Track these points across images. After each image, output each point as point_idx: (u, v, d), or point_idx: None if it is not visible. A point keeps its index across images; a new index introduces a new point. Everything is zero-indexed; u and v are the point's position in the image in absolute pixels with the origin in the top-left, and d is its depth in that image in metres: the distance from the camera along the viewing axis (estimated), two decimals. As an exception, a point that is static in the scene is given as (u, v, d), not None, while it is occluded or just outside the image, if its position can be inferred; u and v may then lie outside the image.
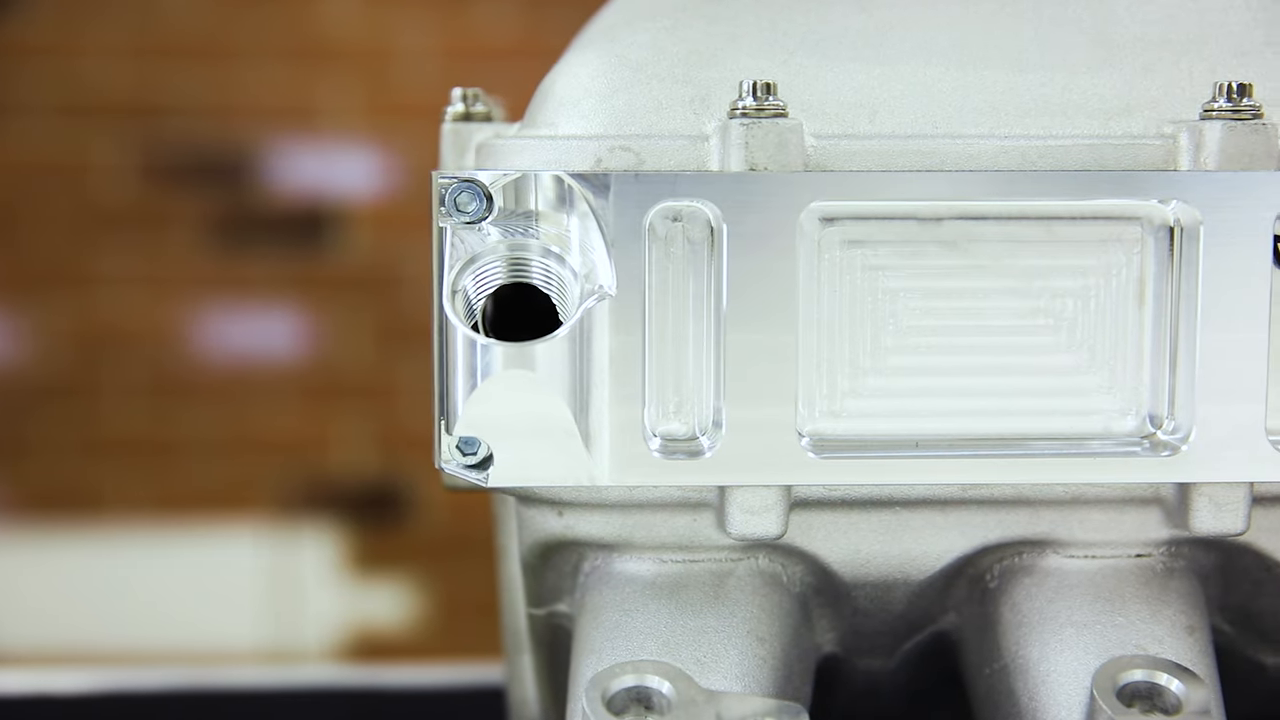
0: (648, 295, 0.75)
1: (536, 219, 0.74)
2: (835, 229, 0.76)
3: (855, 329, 0.76)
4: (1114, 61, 0.79)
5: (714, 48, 0.79)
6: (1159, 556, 0.81)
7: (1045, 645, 0.79)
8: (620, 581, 0.80)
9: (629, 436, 0.74)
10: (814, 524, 0.80)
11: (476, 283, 0.74)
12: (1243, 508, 0.77)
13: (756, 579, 0.80)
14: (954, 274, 0.76)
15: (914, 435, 0.77)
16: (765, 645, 0.78)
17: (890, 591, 0.82)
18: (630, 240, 0.74)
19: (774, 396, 0.75)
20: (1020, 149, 0.76)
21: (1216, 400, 0.76)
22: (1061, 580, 0.80)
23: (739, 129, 0.74)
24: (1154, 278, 0.76)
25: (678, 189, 0.74)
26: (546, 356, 0.73)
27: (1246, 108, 0.75)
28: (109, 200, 3.24)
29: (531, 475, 0.75)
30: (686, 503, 0.79)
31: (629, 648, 0.77)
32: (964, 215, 0.76)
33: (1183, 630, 0.79)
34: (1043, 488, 0.79)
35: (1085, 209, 0.76)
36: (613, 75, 0.78)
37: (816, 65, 0.78)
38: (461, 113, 0.87)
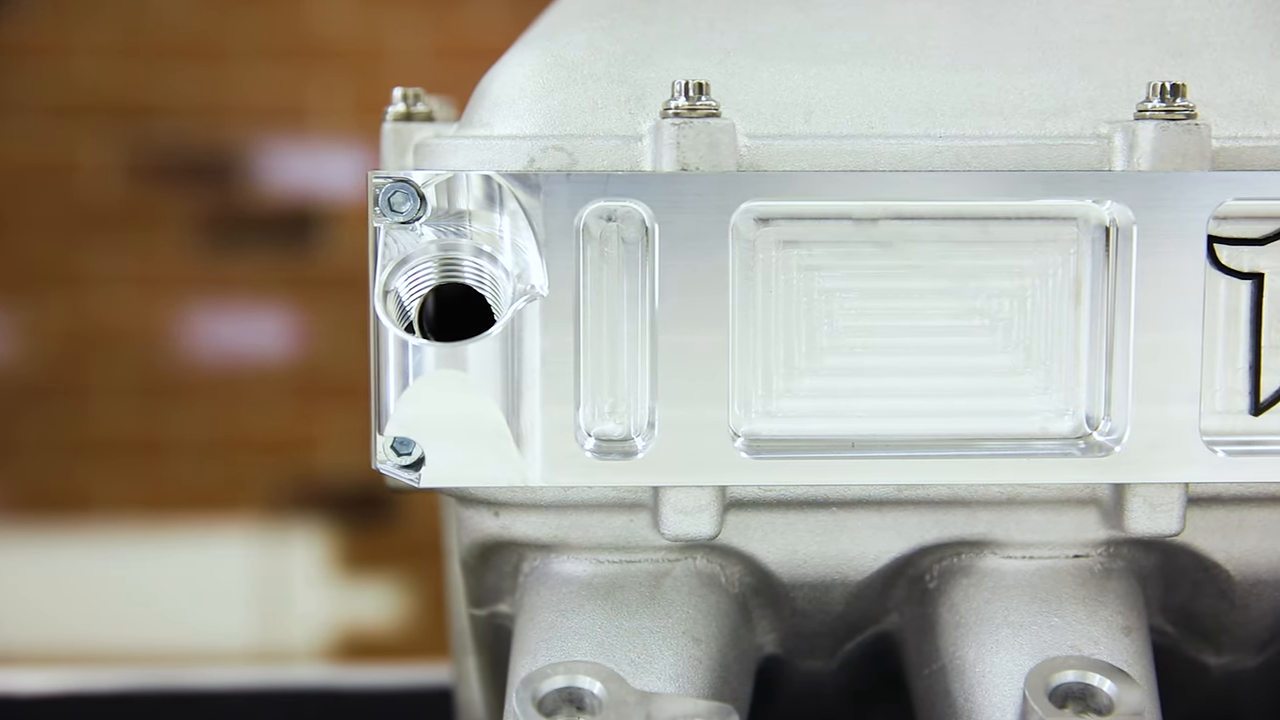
0: (582, 295, 0.74)
1: (469, 219, 0.74)
2: (770, 229, 0.75)
3: (791, 329, 0.76)
4: (1051, 62, 0.79)
5: (650, 47, 0.79)
6: (1097, 557, 0.81)
7: (981, 646, 0.78)
8: (557, 582, 0.80)
9: (561, 437, 0.74)
10: (750, 524, 0.79)
11: (409, 283, 0.74)
12: (1177, 508, 0.77)
13: (694, 580, 0.80)
14: (889, 274, 0.76)
15: (850, 436, 0.77)
16: (701, 646, 0.78)
17: (828, 592, 0.81)
18: (562, 240, 0.74)
19: (707, 397, 0.75)
20: (955, 149, 0.76)
21: (1151, 401, 0.75)
22: (999, 581, 0.80)
23: (671, 129, 0.74)
24: (1090, 278, 0.76)
25: (609, 189, 0.74)
26: (478, 357, 0.73)
27: (1180, 108, 0.75)
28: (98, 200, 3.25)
29: (464, 476, 0.75)
30: (622, 503, 0.79)
31: (563, 649, 0.77)
32: (899, 215, 0.75)
33: (1119, 631, 0.78)
34: (979, 488, 0.79)
35: (1020, 209, 0.76)
36: (548, 75, 0.78)
37: (753, 65, 0.78)
38: (402, 112, 0.87)
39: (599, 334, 0.75)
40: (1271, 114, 0.78)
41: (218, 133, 3.20)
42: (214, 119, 3.21)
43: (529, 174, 0.73)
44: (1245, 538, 0.81)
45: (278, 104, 3.19)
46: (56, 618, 3.21)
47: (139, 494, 3.33)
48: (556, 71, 0.78)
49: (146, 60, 3.25)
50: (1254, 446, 0.77)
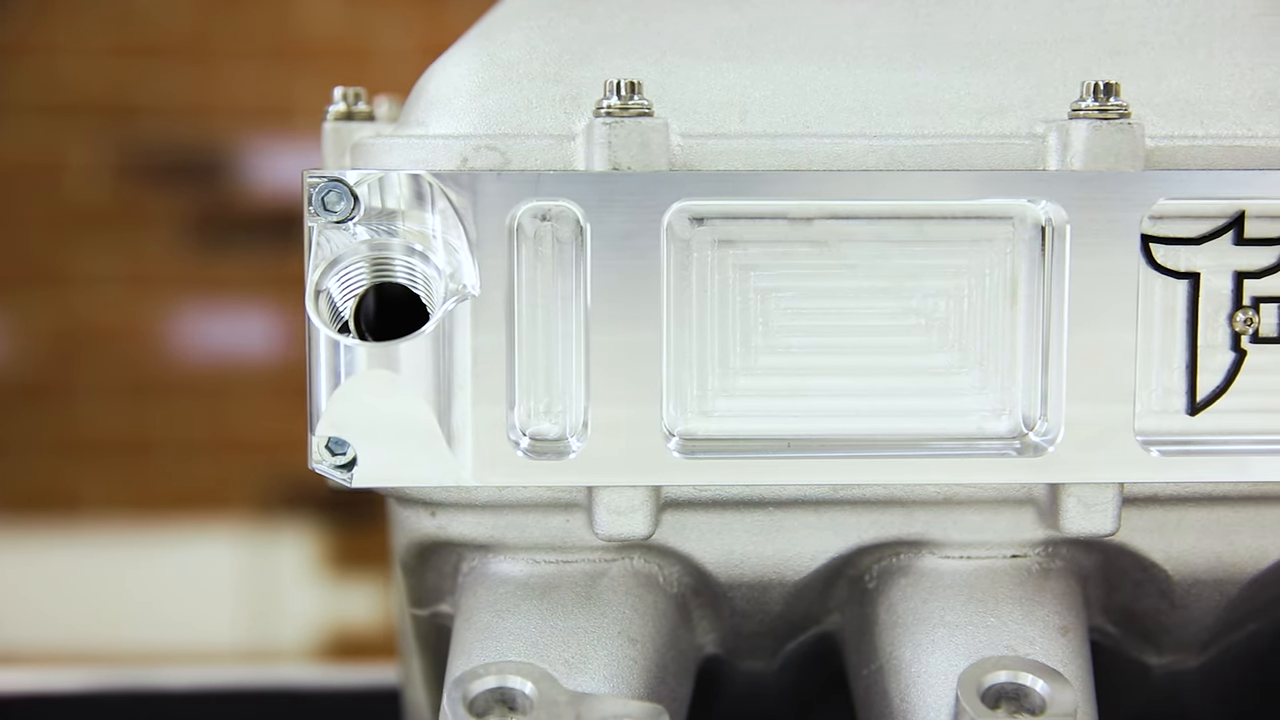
0: (517, 294, 0.74)
1: (402, 219, 0.74)
2: (706, 228, 0.75)
3: (726, 328, 0.76)
4: (988, 61, 0.79)
5: (587, 47, 0.79)
6: (1035, 557, 0.81)
7: (918, 646, 0.78)
8: (494, 582, 0.80)
9: (493, 437, 0.74)
10: (687, 524, 0.79)
11: (342, 283, 0.74)
12: (1112, 508, 0.76)
13: (631, 580, 0.80)
14: (825, 274, 0.76)
15: (786, 435, 0.77)
16: (637, 646, 0.78)
17: (767, 592, 0.81)
18: (494, 240, 0.73)
19: (639, 397, 0.75)
20: (889, 148, 0.76)
21: (1085, 401, 0.75)
22: (936, 581, 0.80)
23: (602, 128, 0.74)
24: (1026, 277, 0.76)
25: (541, 189, 0.73)
26: (409, 356, 0.73)
27: (1113, 107, 0.74)
28: (86, 199, 3.25)
29: (396, 475, 0.74)
30: (558, 503, 0.78)
31: (498, 649, 0.77)
32: (835, 215, 0.75)
33: (1055, 631, 0.78)
34: (915, 488, 0.78)
35: (956, 209, 0.75)
36: (483, 74, 0.78)
37: (689, 65, 0.78)
38: (343, 112, 0.87)
39: (534, 334, 0.75)
40: (1208, 113, 0.78)
41: (206, 132, 3.20)
42: (202, 119, 3.21)
43: (460, 173, 0.73)
44: (1183, 538, 0.80)
45: (265, 104, 3.19)
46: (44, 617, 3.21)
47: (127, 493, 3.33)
48: (492, 71, 0.78)
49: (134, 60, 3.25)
50: (1191, 447, 0.77)
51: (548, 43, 0.79)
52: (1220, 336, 0.76)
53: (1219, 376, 0.77)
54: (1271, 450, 0.77)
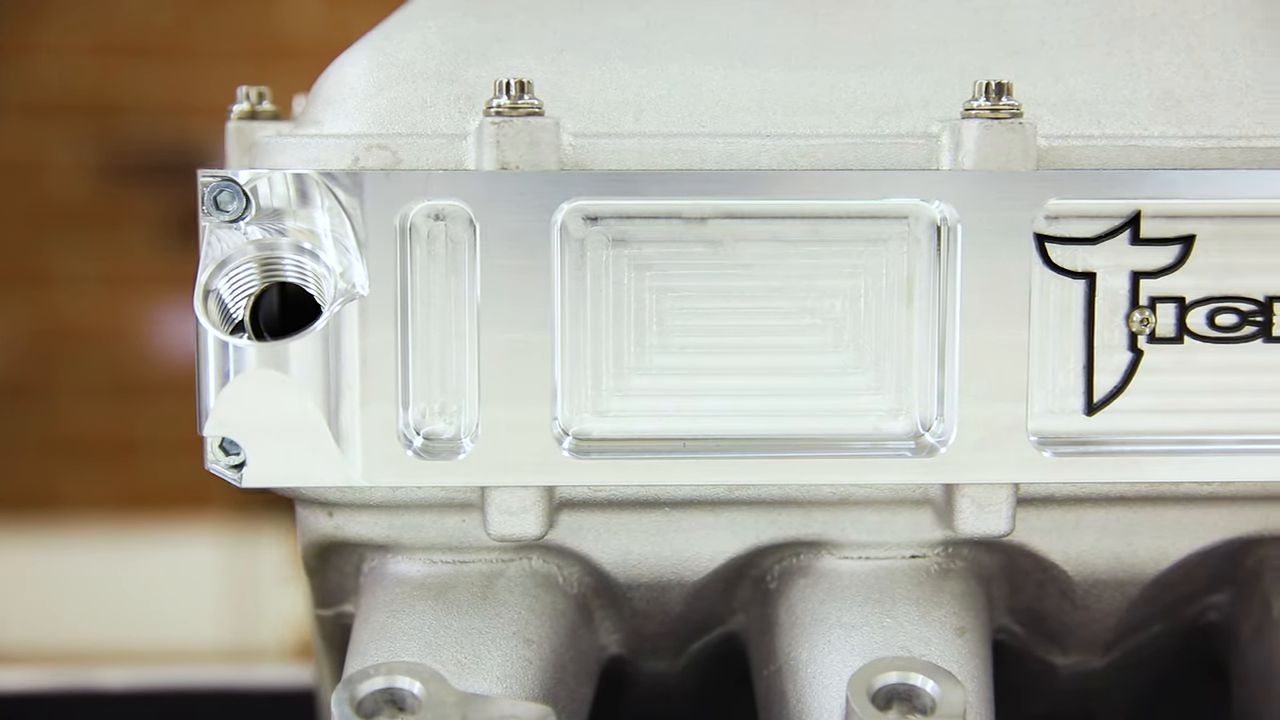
0: (410, 294, 0.74)
1: (292, 218, 0.74)
2: (600, 228, 0.75)
3: (621, 328, 0.76)
4: (887, 60, 0.79)
5: (483, 46, 0.78)
6: (934, 558, 0.81)
7: (814, 647, 0.78)
8: (391, 583, 0.80)
9: (383, 437, 0.74)
10: (584, 525, 0.79)
11: (231, 283, 0.74)
12: (1006, 509, 0.76)
13: (528, 580, 0.80)
14: (720, 273, 0.76)
15: (681, 435, 0.76)
16: (533, 646, 0.78)
17: (666, 593, 0.81)
18: (384, 239, 0.73)
19: (530, 396, 0.74)
20: (784, 148, 0.76)
21: (978, 401, 0.75)
22: (835, 582, 0.80)
23: (491, 127, 0.74)
24: (922, 277, 0.76)
25: (430, 189, 0.73)
26: (299, 356, 0.72)
27: (1005, 106, 0.74)
28: (67, 199, 3.25)
29: (285, 475, 0.74)
30: (453, 504, 0.78)
31: (391, 649, 0.77)
32: (729, 214, 0.75)
33: (952, 632, 0.78)
34: (810, 488, 0.78)
35: (851, 208, 0.75)
36: (379, 74, 0.78)
37: (585, 64, 0.78)
38: (246, 111, 0.87)
39: (428, 334, 0.75)
40: (1105, 113, 0.77)
41: (186, 132, 3.20)
42: (182, 118, 3.21)
43: (348, 173, 0.73)
44: (1082, 538, 0.80)
45: (247, 103, 3.19)
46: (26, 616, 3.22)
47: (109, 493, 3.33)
48: (387, 70, 0.78)
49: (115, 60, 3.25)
50: (1088, 447, 0.76)
51: (444, 42, 0.78)
52: (1117, 336, 0.76)
53: (1116, 377, 0.76)
54: (1168, 451, 0.76)
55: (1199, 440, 0.77)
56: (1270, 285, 0.76)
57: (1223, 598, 0.86)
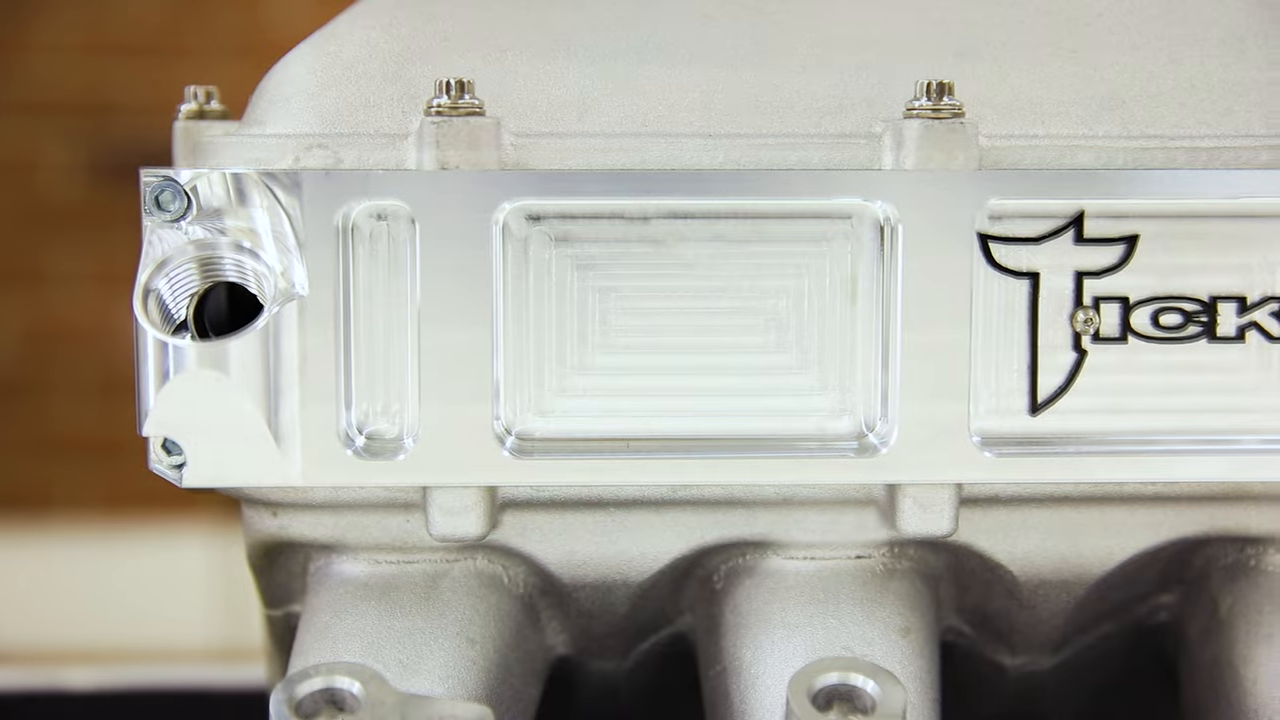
0: (353, 294, 0.74)
1: (233, 217, 0.74)
2: (542, 227, 0.75)
3: (564, 327, 0.76)
4: (831, 60, 0.78)
5: (427, 46, 0.78)
6: (880, 558, 0.81)
7: (758, 647, 0.78)
8: (335, 583, 0.80)
9: (323, 437, 0.74)
10: (529, 525, 0.79)
11: (171, 283, 0.74)
12: (949, 509, 0.76)
13: (473, 580, 0.80)
14: (663, 273, 0.76)
15: (624, 435, 0.76)
16: (476, 647, 0.78)
17: (611, 593, 0.81)
18: (324, 239, 0.73)
19: (470, 396, 0.74)
20: (727, 147, 0.76)
21: (920, 401, 0.75)
22: (780, 582, 0.80)
23: (431, 127, 0.74)
24: (866, 277, 0.76)
25: (370, 188, 0.73)
26: (238, 356, 0.72)
27: (946, 106, 0.74)
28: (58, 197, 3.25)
29: (225, 476, 0.74)
30: (396, 504, 0.78)
31: (334, 650, 0.77)
32: (672, 214, 0.75)
33: (896, 632, 0.78)
34: (754, 488, 0.78)
35: (794, 208, 0.75)
36: (322, 73, 0.78)
37: (529, 63, 0.78)
38: (194, 110, 0.88)
39: (371, 333, 0.75)
40: (1049, 113, 0.77)
41: (178, 131, 3.19)
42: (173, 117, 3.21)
43: (287, 172, 0.73)
44: (1027, 538, 0.80)
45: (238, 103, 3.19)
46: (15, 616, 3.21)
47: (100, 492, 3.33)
48: (331, 70, 0.78)
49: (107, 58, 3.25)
50: (1032, 447, 0.76)
51: (389, 41, 0.78)
52: (1061, 336, 0.76)
53: (1060, 376, 0.76)
54: (1112, 451, 0.76)
55: (1143, 440, 0.77)
56: (1214, 285, 0.76)
57: (1172, 598, 0.86)
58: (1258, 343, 0.76)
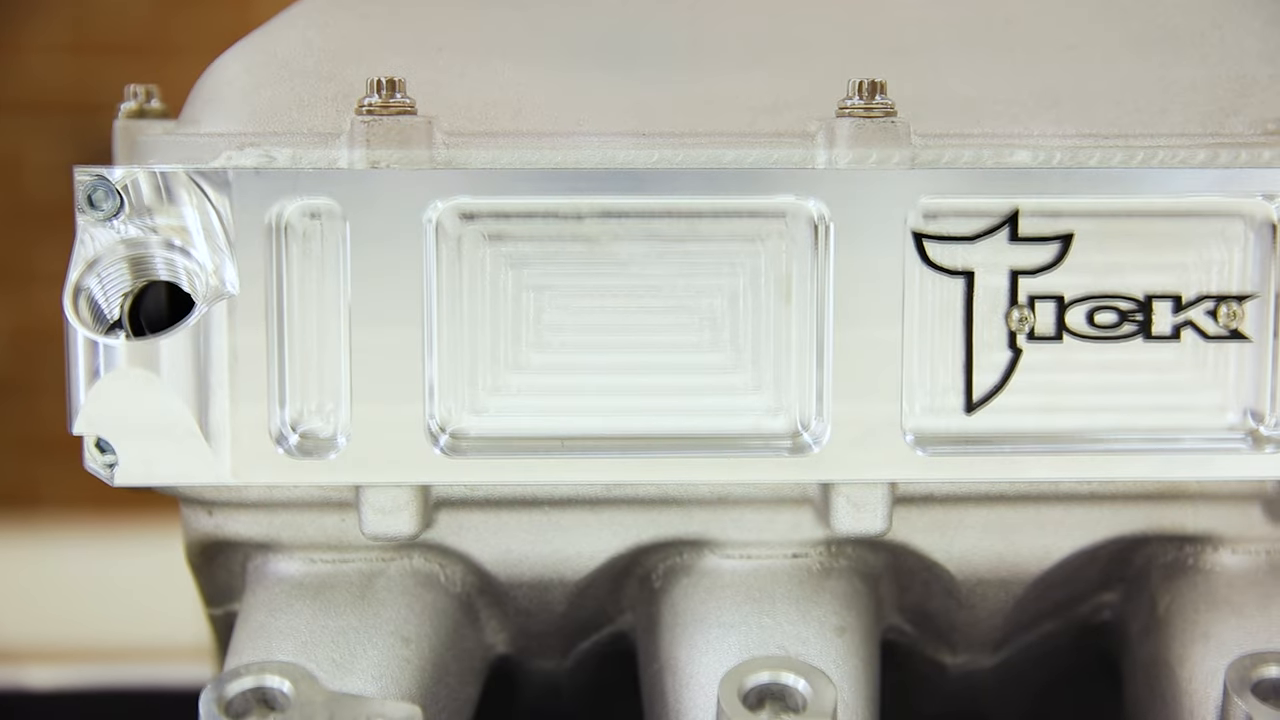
0: (287, 292, 0.74)
1: (164, 216, 0.74)
2: (475, 225, 0.75)
3: (498, 326, 0.75)
4: (767, 60, 0.78)
5: (362, 45, 0.78)
6: (816, 557, 0.80)
7: (693, 646, 0.78)
8: (271, 581, 0.80)
9: (254, 435, 0.74)
10: (464, 524, 0.79)
11: (103, 282, 0.74)
12: (882, 508, 0.76)
13: (409, 579, 0.80)
14: (596, 271, 0.75)
15: (558, 434, 0.76)
16: (411, 646, 0.78)
17: (548, 591, 0.81)
18: (255, 238, 0.73)
19: (402, 394, 0.74)
20: (661, 146, 0.75)
21: (852, 399, 0.75)
22: (716, 580, 0.80)
23: (361, 126, 0.73)
24: (800, 275, 0.75)
25: (300, 186, 0.73)
26: (169, 354, 0.72)
27: (878, 105, 0.74)
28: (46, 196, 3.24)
29: (156, 474, 0.74)
30: (331, 502, 0.78)
31: (268, 648, 0.76)
32: (605, 212, 0.75)
33: (832, 631, 0.78)
34: (688, 487, 0.78)
35: (728, 206, 0.75)
36: (257, 72, 0.78)
37: (464, 63, 0.78)
38: (134, 110, 0.87)
39: (305, 332, 0.75)
40: (985, 111, 0.77)
41: (166, 130, 3.19)
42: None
43: (217, 170, 0.73)
44: (964, 537, 0.80)
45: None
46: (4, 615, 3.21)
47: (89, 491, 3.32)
48: (266, 69, 0.78)
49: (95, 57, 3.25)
50: (967, 446, 0.76)
51: (324, 40, 0.78)
52: (996, 335, 0.76)
53: (995, 375, 0.76)
54: (1047, 450, 0.76)
55: (1079, 439, 0.76)
56: (1150, 284, 0.76)
57: (1114, 597, 0.86)
58: (1192, 341, 0.76)
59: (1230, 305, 0.76)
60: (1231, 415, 0.76)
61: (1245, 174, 0.75)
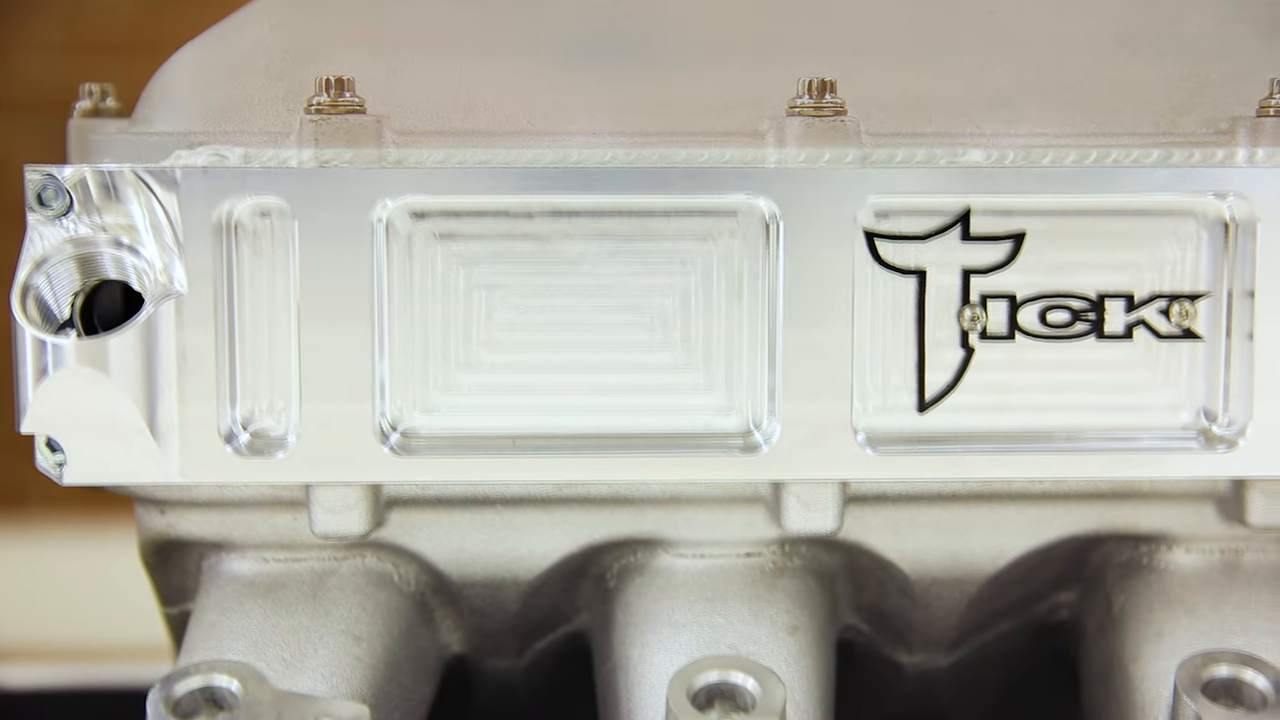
0: (238, 291, 0.74)
1: (113, 215, 0.74)
2: (426, 223, 0.75)
3: (449, 325, 0.75)
4: (720, 59, 0.78)
5: (315, 44, 0.78)
6: (770, 556, 0.80)
7: (645, 645, 0.78)
8: (224, 581, 0.80)
9: (203, 434, 0.74)
10: (416, 523, 0.79)
11: (51, 280, 0.73)
12: (833, 507, 0.76)
13: (361, 578, 0.80)
14: (548, 270, 0.75)
15: (510, 432, 0.76)
16: (363, 645, 0.77)
17: (501, 591, 0.81)
18: (204, 236, 0.73)
19: (351, 393, 0.74)
20: (613, 145, 0.75)
21: (802, 399, 0.75)
22: (669, 580, 0.80)
23: (310, 125, 0.73)
24: (750, 274, 0.75)
25: (248, 185, 0.73)
26: (118, 353, 0.72)
27: (828, 104, 0.74)
28: (35, 196, 3.23)
29: (105, 473, 0.74)
30: (282, 501, 0.78)
31: (218, 648, 0.76)
32: (556, 211, 0.75)
33: (784, 630, 0.78)
34: (640, 486, 0.78)
35: (679, 204, 0.75)
36: (210, 71, 0.78)
37: (417, 61, 0.78)
38: (89, 109, 0.87)
39: (257, 330, 0.74)
40: (937, 111, 0.77)
41: (155, 129, 3.19)
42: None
43: (166, 169, 0.73)
44: (917, 536, 0.80)
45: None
46: (-6, 614, 3.21)
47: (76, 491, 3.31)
48: (218, 68, 0.78)
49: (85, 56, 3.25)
50: (919, 445, 0.76)
51: (278, 39, 0.78)
52: (948, 334, 0.76)
53: (947, 374, 0.76)
54: (999, 449, 0.76)
55: (1031, 438, 0.76)
56: (1102, 282, 0.76)
57: (1071, 596, 0.86)
58: (1145, 340, 0.76)
59: (1183, 304, 0.75)
60: (1185, 414, 0.76)
61: (1198, 173, 0.75)
